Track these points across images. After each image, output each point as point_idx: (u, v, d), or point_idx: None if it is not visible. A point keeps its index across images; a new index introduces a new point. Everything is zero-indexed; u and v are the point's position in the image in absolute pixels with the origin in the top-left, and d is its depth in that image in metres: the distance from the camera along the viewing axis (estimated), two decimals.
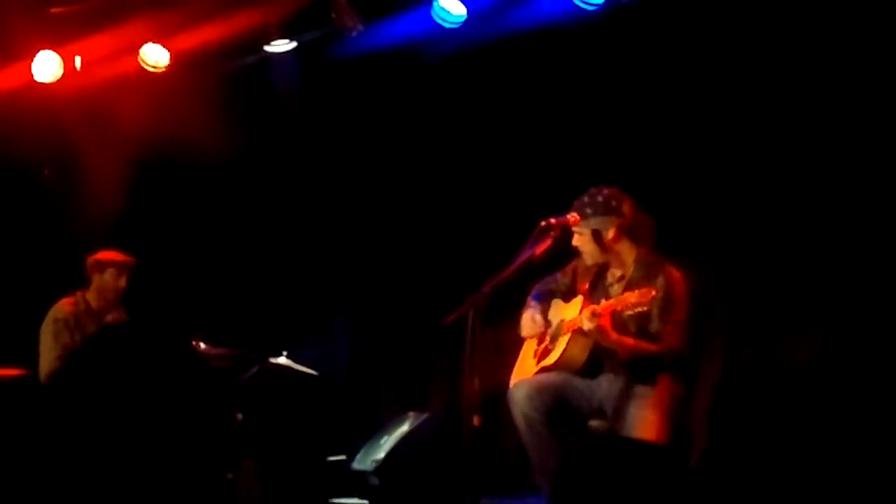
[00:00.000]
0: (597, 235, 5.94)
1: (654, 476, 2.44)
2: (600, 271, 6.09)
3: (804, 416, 2.49)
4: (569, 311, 6.12)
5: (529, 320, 6.22)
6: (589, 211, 5.91)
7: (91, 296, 7.36)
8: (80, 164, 8.20)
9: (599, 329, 5.68)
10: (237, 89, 8.26)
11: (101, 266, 7.34)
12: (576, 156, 7.37)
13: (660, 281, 5.79)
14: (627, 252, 5.98)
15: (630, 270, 5.96)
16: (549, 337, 6.16)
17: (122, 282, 7.37)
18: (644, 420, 5.68)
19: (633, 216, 5.96)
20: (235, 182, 8.49)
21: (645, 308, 5.66)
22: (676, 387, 5.85)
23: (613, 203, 5.92)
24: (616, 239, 5.94)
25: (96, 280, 7.34)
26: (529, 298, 6.30)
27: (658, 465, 2.47)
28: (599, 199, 5.92)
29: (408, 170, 8.16)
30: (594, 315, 5.67)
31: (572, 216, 5.89)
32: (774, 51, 6.76)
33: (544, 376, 6.04)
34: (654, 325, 5.80)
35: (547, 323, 6.20)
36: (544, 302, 6.28)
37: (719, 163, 7.02)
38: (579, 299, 6.09)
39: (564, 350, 5.99)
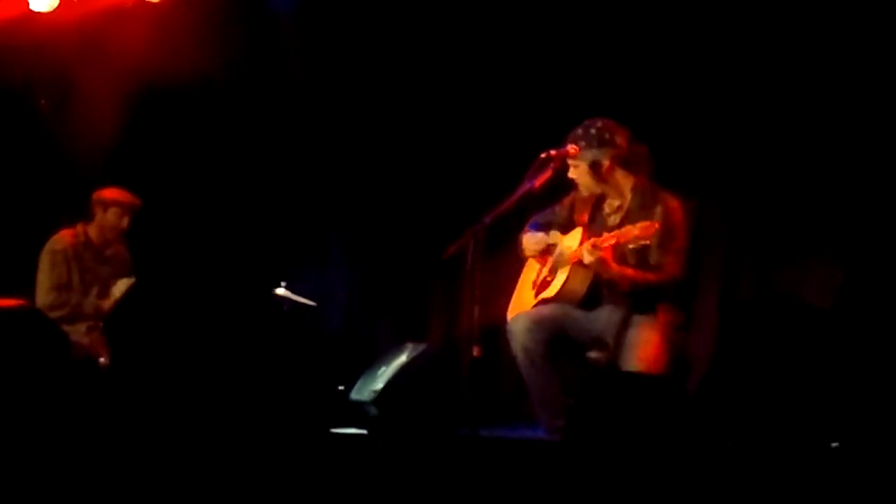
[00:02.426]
0: (593, 167, 5.94)
1: (655, 407, 2.45)
2: (598, 202, 6.09)
3: (805, 351, 2.51)
4: (568, 243, 6.13)
5: (531, 240, 6.22)
6: (583, 143, 5.91)
7: (92, 230, 7.33)
8: (76, 94, 8.15)
9: (600, 262, 5.70)
10: (234, 16, 8.18)
11: (106, 204, 7.31)
12: (574, 87, 7.34)
13: (658, 210, 5.80)
14: (624, 182, 5.98)
15: (627, 200, 5.97)
16: (548, 269, 6.17)
17: (125, 222, 7.34)
18: (644, 350, 5.70)
19: (628, 146, 5.96)
20: (231, 111, 8.43)
21: (647, 242, 5.67)
22: (675, 315, 5.88)
23: (607, 135, 5.92)
24: (611, 170, 5.94)
25: (99, 217, 7.31)
26: (526, 227, 6.30)
27: (659, 396, 2.48)
28: (593, 130, 5.92)
29: (406, 99, 8.11)
30: (595, 248, 5.69)
31: (572, 147, 5.90)
32: None
33: (543, 308, 6.06)
34: (654, 256, 5.82)
35: (548, 244, 6.20)
36: (542, 231, 6.28)
37: (721, 85, 6.99)
38: (578, 231, 6.10)
39: (564, 282, 6.00)
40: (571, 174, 6.00)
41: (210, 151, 8.39)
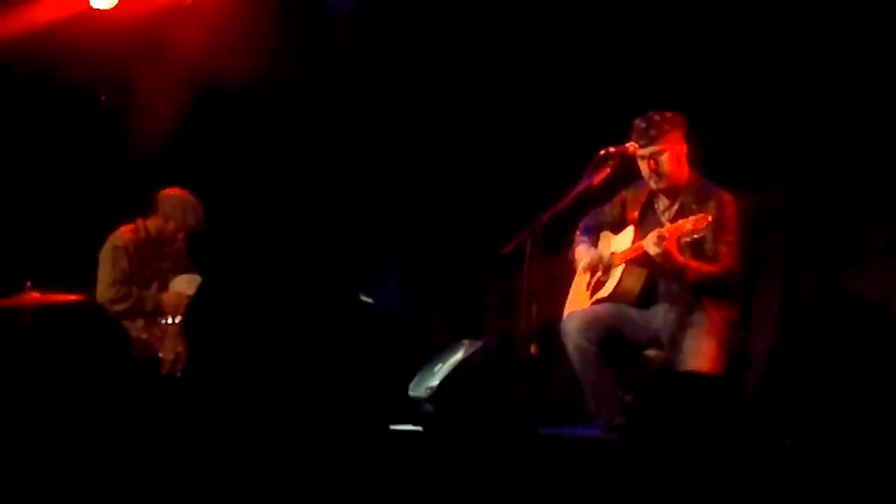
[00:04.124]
0: (661, 158, 5.88)
1: (715, 408, 2.44)
2: (649, 199, 6.06)
3: (869, 351, 2.50)
4: (619, 243, 6.11)
5: (582, 252, 6.20)
6: (654, 133, 5.85)
7: (151, 226, 7.36)
8: (136, 90, 8.20)
9: (666, 253, 5.63)
10: (291, 13, 8.21)
11: (168, 216, 7.31)
12: (634, 82, 7.30)
13: (711, 205, 5.77)
14: (681, 177, 5.94)
15: (681, 196, 5.93)
16: (602, 269, 6.14)
17: (180, 241, 7.41)
18: (701, 349, 5.67)
19: (688, 140, 5.94)
20: (288, 108, 8.45)
21: (701, 234, 5.64)
22: (731, 313, 5.85)
23: (669, 128, 5.88)
24: (678, 161, 5.90)
25: (160, 219, 7.32)
26: (578, 234, 6.28)
27: (719, 397, 2.46)
28: (657, 122, 5.88)
29: (465, 95, 8.09)
30: (661, 239, 5.62)
31: (632, 145, 5.86)
32: None
33: (598, 307, 6.04)
34: (709, 248, 5.78)
35: (600, 257, 6.18)
36: (593, 235, 6.26)
37: (781, 82, 6.94)
38: (630, 229, 6.07)
39: (619, 281, 5.98)
40: (643, 169, 5.92)
41: (267, 147, 8.42)
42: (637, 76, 7.28)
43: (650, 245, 5.67)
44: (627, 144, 5.86)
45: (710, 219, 5.57)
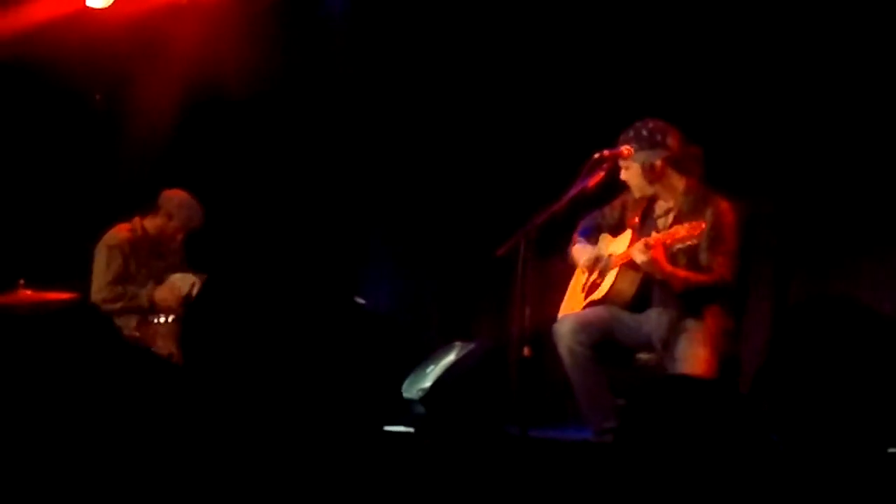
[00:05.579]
0: (645, 168, 5.91)
1: (709, 412, 2.45)
2: (649, 205, 6.06)
3: (861, 355, 2.50)
4: (617, 246, 6.11)
5: (581, 250, 6.22)
6: (635, 144, 5.88)
7: (150, 225, 7.36)
8: (131, 89, 8.19)
9: (652, 261, 5.67)
10: (285, 16, 8.22)
11: (171, 215, 7.33)
12: (626, 87, 7.32)
13: (708, 213, 5.77)
14: (676, 184, 5.95)
15: (679, 202, 5.94)
16: (598, 271, 6.15)
17: (179, 239, 7.41)
18: (693, 354, 5.68)
19: (680, 148, 5.94)
20: (281, 110, 8.44)
21: (694, 241, 5.64)
22: (725, 319, 5.85)
23: (659, 136, 5.90)
24: (663, 171, 5.91)
25: (162, 218, 7.33)
26: (576, 235, 6.29)
27: (714, 401, 2.47)
28: (645, 131, 5.90)
29: (459, 100, 8.10)
30: (647, 247, 5.66)
31: (626, 148, 5.87)
32: None
33: (591, 310, 6.05)
34: (704, 257, 5.79)
35: (597, 256, 6.20)
36: (591, 237, 6.28)
37: (772, 87, 6.96)
38: (628, 233, 6.08)
39: (613, 284, 5.98)
40: (623, 176, 5.98)
41: (260, 149, 8.42)
42: (632, 83, 7.29)
43: (636, 253, 5.70)
44: (622, 148, 5.87)
45: (703, 226, 5.58)
